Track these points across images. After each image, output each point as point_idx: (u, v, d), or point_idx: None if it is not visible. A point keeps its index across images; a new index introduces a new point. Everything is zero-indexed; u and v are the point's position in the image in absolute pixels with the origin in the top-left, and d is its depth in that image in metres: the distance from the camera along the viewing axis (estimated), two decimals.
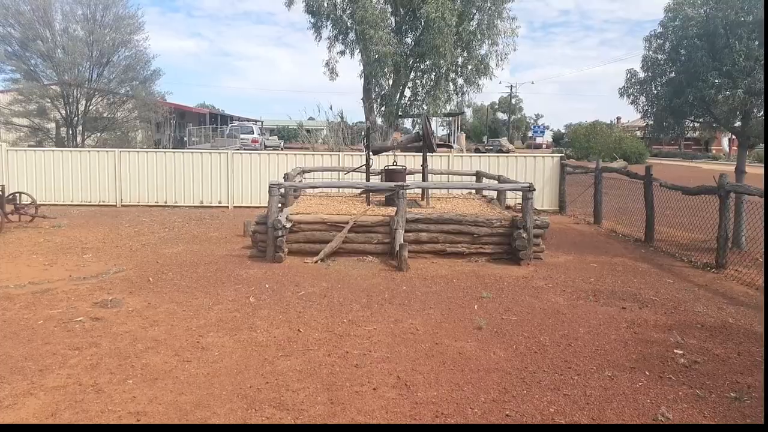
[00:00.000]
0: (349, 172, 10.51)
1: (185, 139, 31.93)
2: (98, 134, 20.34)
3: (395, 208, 8.24)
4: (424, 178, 9.93)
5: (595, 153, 43.00)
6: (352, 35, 20.25)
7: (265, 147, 49.37)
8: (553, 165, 14.12)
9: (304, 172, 11.71)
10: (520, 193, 8.47)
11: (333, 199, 9.97)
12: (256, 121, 52.84)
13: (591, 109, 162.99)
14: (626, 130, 47.78)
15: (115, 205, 13.82)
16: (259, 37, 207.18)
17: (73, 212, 12.75)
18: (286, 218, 8.13)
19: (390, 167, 9.88)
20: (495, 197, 10.60)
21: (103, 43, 18.97)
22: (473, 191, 11.94)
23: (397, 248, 7.70)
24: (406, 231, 8.18)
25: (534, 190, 8.32)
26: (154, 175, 13.84)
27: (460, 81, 21.18)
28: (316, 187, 9.26)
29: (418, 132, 9.89)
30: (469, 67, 20.71)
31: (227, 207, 13.85)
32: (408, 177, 10.32)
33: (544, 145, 77.24)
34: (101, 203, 13.83)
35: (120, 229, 10.58)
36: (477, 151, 57.95)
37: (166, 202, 13.87)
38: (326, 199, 10.10)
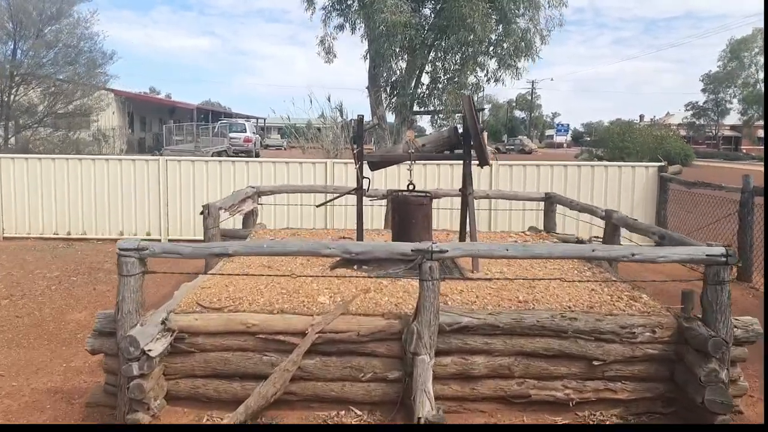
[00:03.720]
0: (325, 204, 5.78)
1: (163, 138, 27.36)
2: (28, 132, 15.84)
3: (409, 282, 3.65)
4: (466, 221, 5.25)
5: (633, 154, 38.14)
6: (355, 4, 15.60)
7: (266, 147, 45.02)
8: (647, 180, 9.37)
9: (260, 194, 7.10)
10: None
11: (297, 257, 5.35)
12: (257, 118, 48.41)
13: (606, 108, 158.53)
14: (668, 129, 42.62)
15: None
16: (272, 35, 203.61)
17: None
18: (164, 325, 3.53)
19: (401, 194, 5.23)
20: (587, 244, 5.87)
21: (28, 13, 14.49)
22: (534, 228, 7.30)
23: (420, 418, 3.07)
24: (442, 352, 3.55)
25: (736, 262, 3.62)
26: (52, 194, 9.32)
27: (493, 64, 16.46)
28: (227, 255, 4.50)
29: (454, 127, 5.20)
30: (505, 45, 15.97)
31: (159, 241, 9.30)
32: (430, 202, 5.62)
33: (564, 144, 72.39)
34: None
35: None
36: (498, 151, 53.01)
37: (69, 234, 9.34)
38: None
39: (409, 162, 5.07)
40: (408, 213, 4.95)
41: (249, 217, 7.03)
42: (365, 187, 5.22)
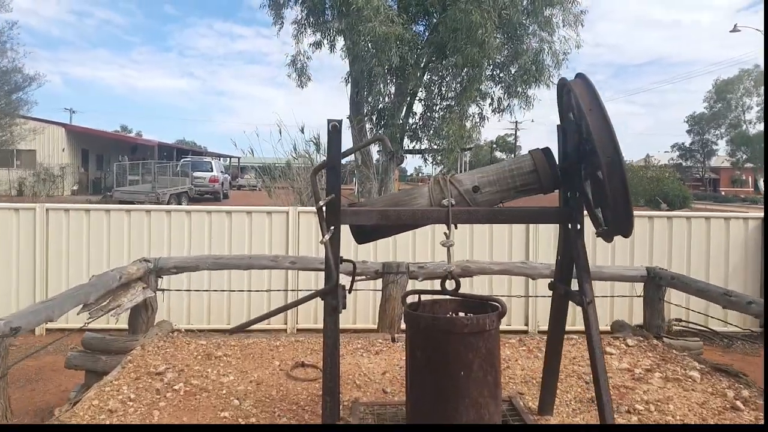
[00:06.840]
0: (242, 329, 2.62)
1: (114, 177, 23.99)
2: None
3: None
4: (560, 346, 2.33)
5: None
6: (333, 15, 12.97)
7: (239, 188, 41.84)
8: (747, 236, 6.60)
9: (159, 273, 4.08)
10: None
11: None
12: (230, 157, 45.42)
13: None
14: (664, 170, 40.77)
15: None
16: (252, 76, 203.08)
17: None
18: None
19: (428, 313, 2.27)
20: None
21: None
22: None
23: None
24: None
25: None
26: None
27: (498, 91, 13.85)
28: None
29: (545, 150, 2.25)
30: (513, 69, 13.42)
31: (32, 333, 6.14)
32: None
33: None
34: None
35: None
36: None
37: None
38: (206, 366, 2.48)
39: (448, 235, 2.13)
40: (448, 354, 1.98)
41: (139, 314, 3.98)
42: (345, 281, 2.26)
